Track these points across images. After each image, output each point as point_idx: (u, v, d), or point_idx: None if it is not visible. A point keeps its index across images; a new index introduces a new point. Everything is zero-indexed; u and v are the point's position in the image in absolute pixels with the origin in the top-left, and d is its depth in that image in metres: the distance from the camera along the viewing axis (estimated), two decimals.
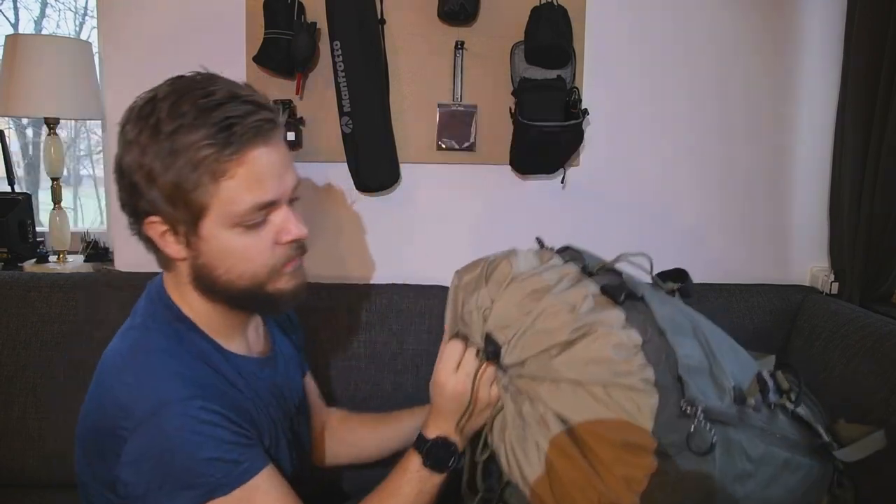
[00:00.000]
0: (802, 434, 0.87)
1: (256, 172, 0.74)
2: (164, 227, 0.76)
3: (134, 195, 0.75)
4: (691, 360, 0.75)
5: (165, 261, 0.81)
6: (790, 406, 0.85)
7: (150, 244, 0.79)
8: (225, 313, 0.83)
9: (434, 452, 0.85)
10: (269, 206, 0.76)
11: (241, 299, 0.81)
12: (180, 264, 0.80)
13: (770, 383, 0.84)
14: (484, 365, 0.82)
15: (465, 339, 0.85)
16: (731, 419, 0.77)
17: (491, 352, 0.80)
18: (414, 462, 0.85)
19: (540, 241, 0.95)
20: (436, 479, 0.85)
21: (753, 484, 0.78)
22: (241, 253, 0.77)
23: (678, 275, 0.93)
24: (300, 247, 0.82)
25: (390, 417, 1.12)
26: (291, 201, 0.81)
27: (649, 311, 0.78)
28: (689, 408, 0.71)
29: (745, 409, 0.79)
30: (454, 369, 0.84)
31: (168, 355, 0.77)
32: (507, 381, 0.81)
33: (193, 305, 0.82)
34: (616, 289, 0.79)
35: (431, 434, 0.86)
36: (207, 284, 0.79)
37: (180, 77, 0.76)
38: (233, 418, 0.76)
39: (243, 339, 0.88)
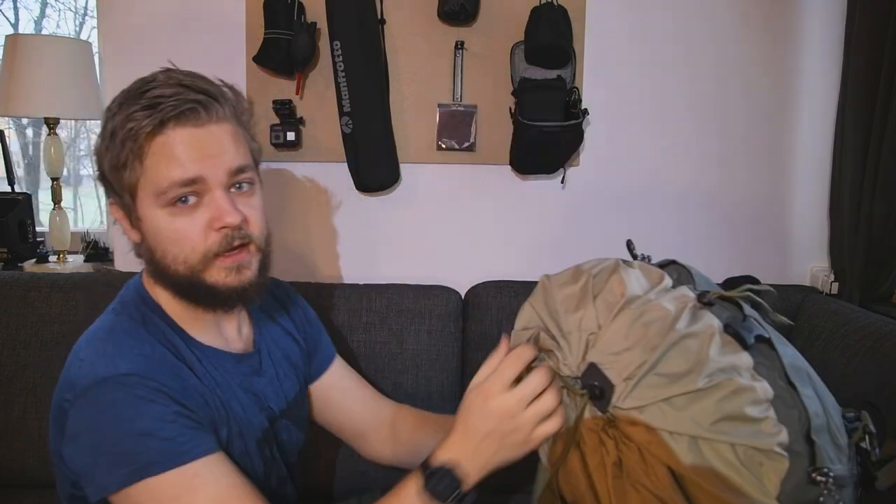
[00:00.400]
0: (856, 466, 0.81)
1: (178, 150, 0.74)
2: (121, 211, 0.80)
3: (99, 179, 0.80)
4: (818, 419, 0.68)
5: (133, 245, 0.83)
6: (871, 450, 0.77)
7: (121, 229, 0.82)
8: (185, 304, 0.82)
9: (436, 479, 0.72)
10: (195, 185, 0.75)
11: (182, 287, 0.79)
12: (141, 249, 0.82)
13: (874, 437, 0.76)
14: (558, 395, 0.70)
15: (536, 348, 0.72)
16: (849, 482, 0.70)
17: (597, 388, 0.68)
18: (413, 484, 0.73)
19: (631, 246, 0.85)
20: None
21: None
22: (172, 235, 0.77)
23: (749, 283, 0.83)
24: (244, 238, 0.78)
25: None
26: (239, 189, 0.79)
27: (776, 356, 0.70)
28: (818, 476, 0.65)
29: (851, 464, 0.72)
30: (508, 385, 0.70)
31: (125, 334, 0.78)
32: (606, 423, 0.70)
33: (160, 296, 0.83)
34: (745, 329, 0.70)
35: (442, 456, 0.73)
36: (153, 268, 0.80)
37: (153, 72, 0.78)
38: (175, 397, 0.74)
39: (216, 334, 0.87)
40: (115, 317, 0.81)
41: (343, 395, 1.08)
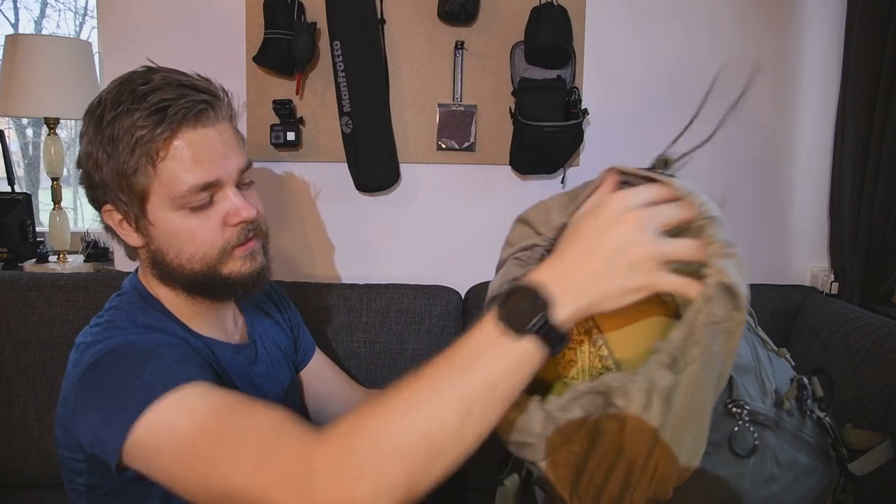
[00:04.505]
0: (820, 440, 0.85)
1: (193, 153, 0.74)
2: (119, 216, 0.78)
3: (89, 185, 0.78)
4: (741, 359, 0.73)
5: (129, 250, 0.83)
6: (820, 414, 0.82)
7: (113, 234, 0.81)
8: (190, 300, 0.83)
9: (514, 300, 0.57)
10: (212, 187, 0.77)
11: (197, 284, 0.80)
12: (141, 252, 0.82)
13: (809, 389, 0.81)
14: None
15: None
16: (771, 422, 0.75)
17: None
18: (490, 313, 0.57)
19: None
20: (507, 348, 0.55)
21: (776, 487, 0.77)
22: (189, 235, 0.77)
23: None
24: (255, 229, 0.81)
25: None
26: (244, 184, 0.82)
27: None
28: (734, 407, 0.68)
29: (781, 412, 0.77)
30: (634, 198, 0.61)
31: (132, 322, 0.79)
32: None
33: (161, 294, 0.84)
34: None
35: (527, 277, 0.58)
36: (162, 271, 0.80)
37: (129, 72, 0.78)
38: (182, 353, 0.73)
39: (218, 326, 0.88)
40: (118, 313, 0.81)
41: (324, 384, 1.10)
